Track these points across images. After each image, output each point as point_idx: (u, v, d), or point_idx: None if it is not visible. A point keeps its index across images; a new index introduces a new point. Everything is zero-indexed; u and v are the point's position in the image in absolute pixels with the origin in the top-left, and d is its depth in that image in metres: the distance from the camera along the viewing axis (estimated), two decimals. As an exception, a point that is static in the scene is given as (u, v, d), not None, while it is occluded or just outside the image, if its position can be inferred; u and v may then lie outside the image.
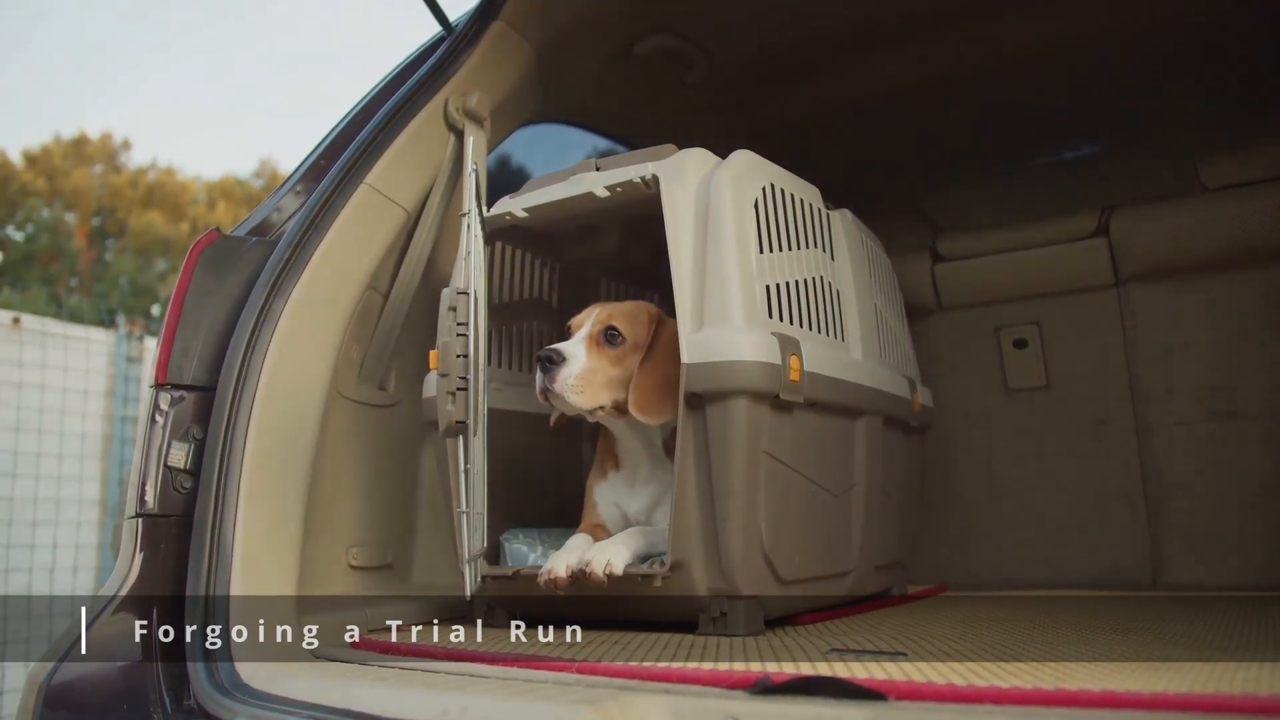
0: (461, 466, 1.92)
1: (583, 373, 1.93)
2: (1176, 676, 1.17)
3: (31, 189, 25.45)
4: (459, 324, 1.88)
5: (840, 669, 1.32)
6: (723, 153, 1.92)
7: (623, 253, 2.40)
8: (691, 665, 1.37)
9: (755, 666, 1.36)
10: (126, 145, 28.87)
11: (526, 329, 2.36)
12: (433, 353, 1.91)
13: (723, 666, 1.36)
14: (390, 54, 2.51)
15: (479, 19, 2.39)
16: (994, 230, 2.86)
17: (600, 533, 2.05)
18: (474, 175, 2.01)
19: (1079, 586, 2.68)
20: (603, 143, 3.26)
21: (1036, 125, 3.16)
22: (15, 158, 25.95)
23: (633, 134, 3.14)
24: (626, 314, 2.02)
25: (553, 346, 1.94)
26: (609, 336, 1.98)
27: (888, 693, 1.16)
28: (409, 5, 2.39)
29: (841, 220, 2.22)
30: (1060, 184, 3.15)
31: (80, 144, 27.20)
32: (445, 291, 1.96)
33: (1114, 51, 2.74)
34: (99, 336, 4.80)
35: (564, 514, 2.29)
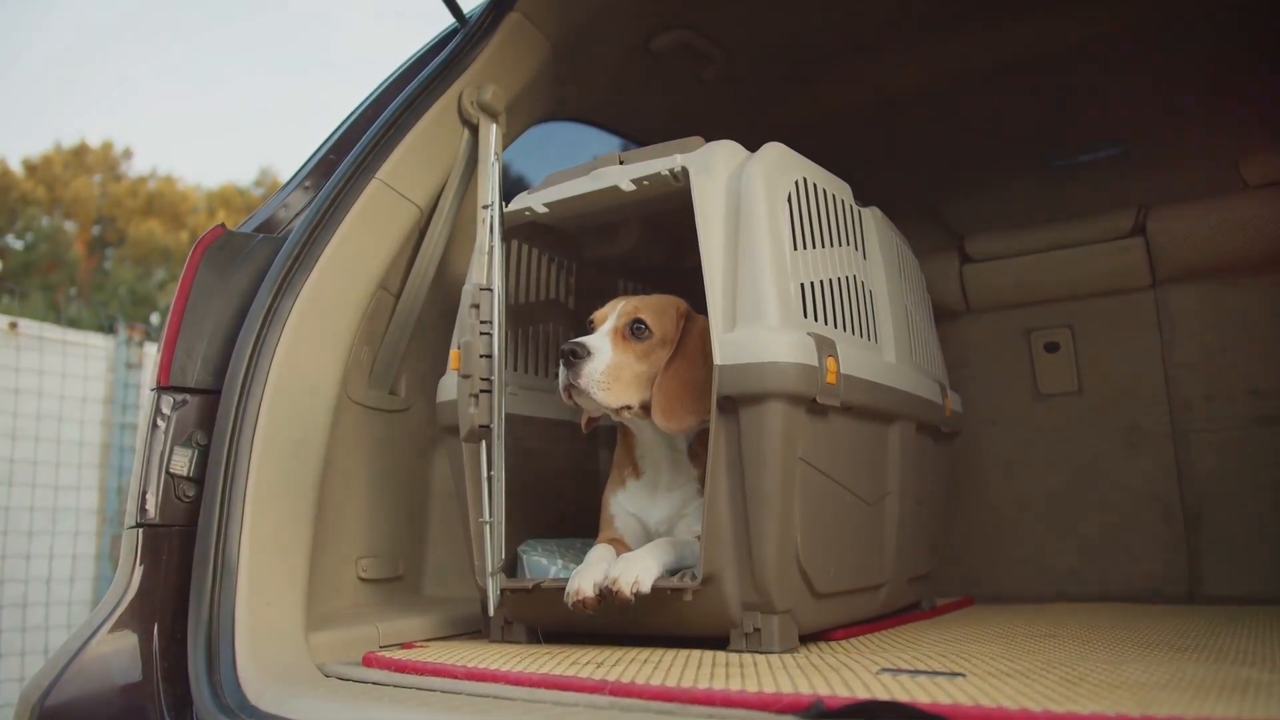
0: (485, 473, 1.82)
1: (609, 368, 1.83)
2: (1271, 702, 1.08)
3: (31, 198, 25.41)
4: (482, 322, 1.78)
5: (896, 690, 1.22)
6: (739, 153, 1.83)
7: (641, 252, 2.31)
8: (735, 687, 1.27)
9: (804, 687, 1.26)
10: (128, 154, 28.87)
11: (542, 331, 2.27)
12: (454, 353, 1.81)
13: (767, 688, 1.26)
14: (396, 62, 2.42)
15: (493, 10, 2.32)
16: (1025, 230, 2.77)
17: (620, 547, 1.95)
18: (495, 166, 1.92)
19: (1112, 599, 2.59)
20: (613, 143, 3.18)
21: (1066, 123, 3.07)
22: (15, 166, 25.94)
23: (647, 132, 3.06)
24: (654, 307, 1.92)
25: (577, 340, 1.84)
26: (635, 330, 1.88)
27: (955, 718, 1.06)
28: (416, 12, 2.31)
29: (872, 218, 2.14)
30: (1089, 185, 3.05)
31: (81, 153, 27.19)
32: (466, 288, 1.86)
33: (1149, 44, 2.65)
34: (97, 342, 4.71)
35: (582, 523, 2.19)
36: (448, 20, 2.37)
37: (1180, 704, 1.07)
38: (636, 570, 1.68)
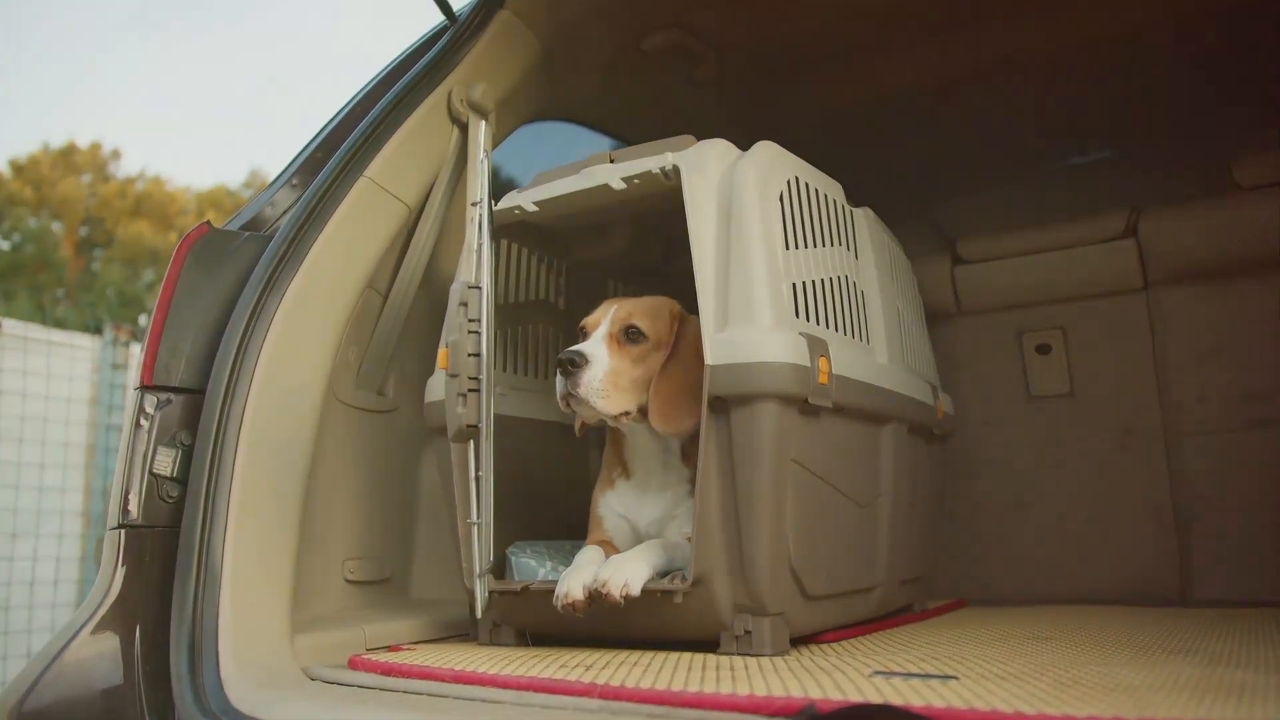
0: (472, 474, 1.80)
1: (606, 375, 1.81)
2: (1270, 706, 1.06)
3: (18, 198, 25.29)
4: (470, 320, 1.77)
5: (889, 693, 1.20)
6: (731, 153, 1.82)
7: (632, 252, 2.31)
8: (725, 690, 1.25)
9: (795, 690, 1.25)
10: (116, 155, 28.76)
11: (531, 332, 2.25)
12: (442, 351, 1.79)
13: (759, 691, 1.25)
14: (387, 62, 2.40)
15: (484, 7, 2.30)
16: (1017, 232, 2.77)
17: (609, 549, 1.93)
18: (484, 164, 1.90)
19: (1104, 601, 2.58)
20: (604, 143, 3.17)
21: (1057, 125, 3.08)
22: (2, 166, 25.81)
23: (638, 134, 3.04)
24: (647, 310, 1.91)
25: (573, 348, 1.82)
26: (630, 335, 1.87)
27: (949, 723, 1.05)
28: (408, 13, 2.29)
29: (865, 218, 2.13)
30: (1080, 187, 3.05)
31: (69, 153, 27.07)
32: (454, 287, 1.85)
33: (1142, 48, 2.65)
34: (83, 343, 4.67)
35: (571, 525, 2.18)
36: (439, 18, 2.35)
37: (1178, 706, 1.06)
38: (626, 573, 1.66)
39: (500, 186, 2.76)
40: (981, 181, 3.37)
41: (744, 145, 1.84)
